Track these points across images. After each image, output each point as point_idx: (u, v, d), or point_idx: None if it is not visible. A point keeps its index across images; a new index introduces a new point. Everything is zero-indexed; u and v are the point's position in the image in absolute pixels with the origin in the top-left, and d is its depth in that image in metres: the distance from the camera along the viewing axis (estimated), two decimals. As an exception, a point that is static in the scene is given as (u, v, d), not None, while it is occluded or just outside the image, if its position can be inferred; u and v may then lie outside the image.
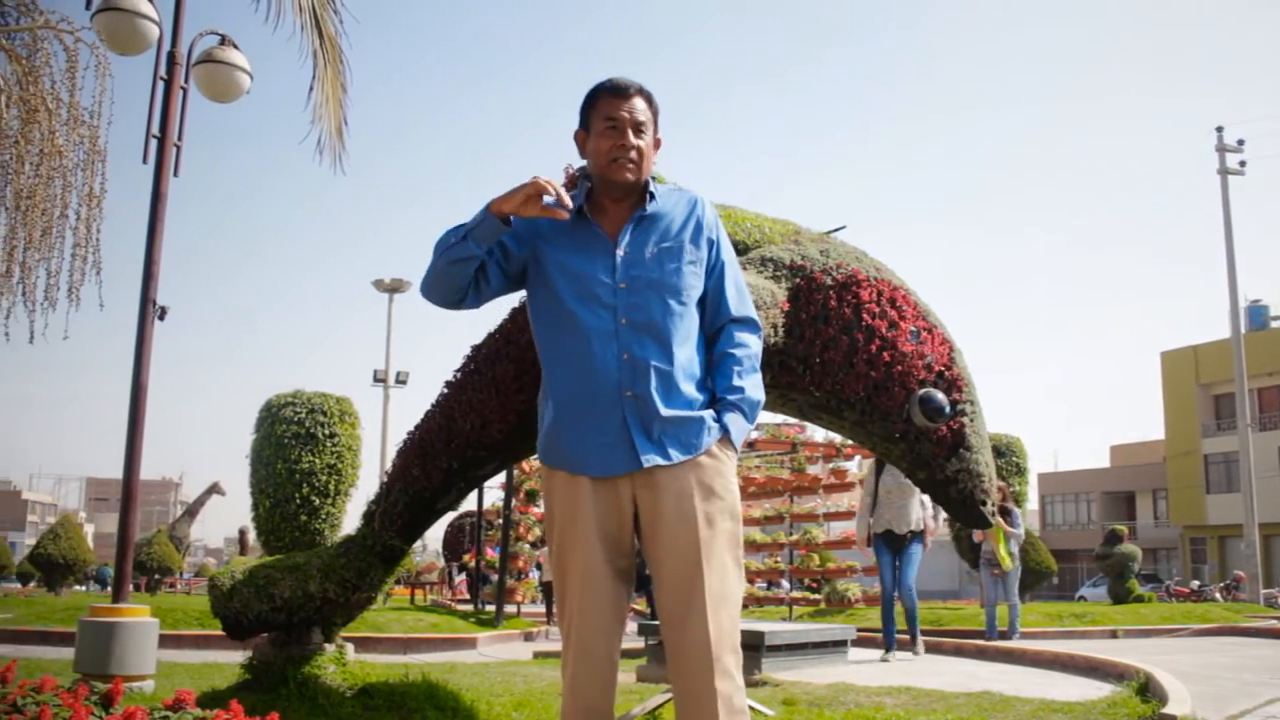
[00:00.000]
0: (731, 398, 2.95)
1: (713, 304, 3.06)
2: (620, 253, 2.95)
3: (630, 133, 2.95)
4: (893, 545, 9.84)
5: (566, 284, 2.96)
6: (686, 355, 2.94)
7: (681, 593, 2.81)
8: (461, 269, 2.96)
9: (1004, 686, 6.90)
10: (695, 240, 3.02)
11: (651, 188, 3.02)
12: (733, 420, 2.94)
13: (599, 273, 2.93)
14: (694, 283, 2.99)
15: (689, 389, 2.91)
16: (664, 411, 2.85)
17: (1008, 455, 15.04)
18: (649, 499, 2.86)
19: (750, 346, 3.05)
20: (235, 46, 7.68)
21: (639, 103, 2.99)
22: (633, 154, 2.95)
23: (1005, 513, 12.40)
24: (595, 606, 2.88)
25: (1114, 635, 13.22)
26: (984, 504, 4.77)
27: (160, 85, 7.37)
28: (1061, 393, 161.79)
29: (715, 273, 3.06)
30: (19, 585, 35.05)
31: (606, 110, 2.98)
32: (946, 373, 4.67)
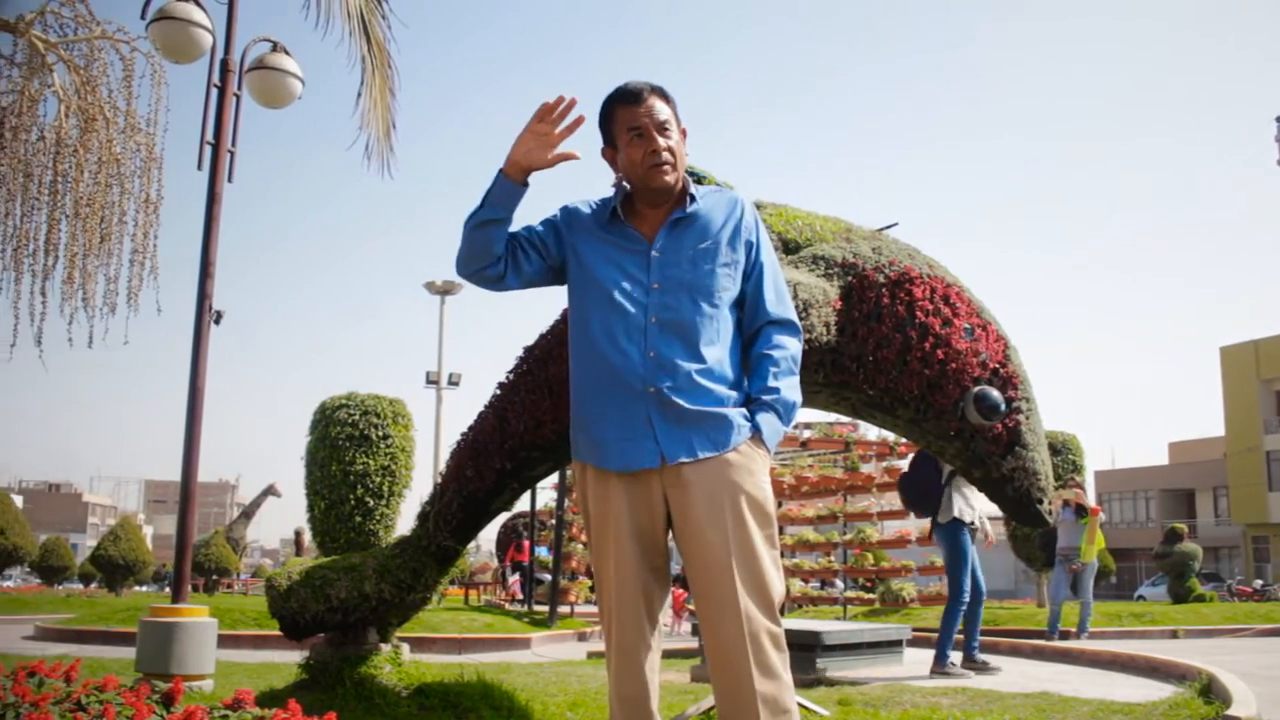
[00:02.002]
0: (766, 398, 2.94)
1: (751, 306, 3.05)
2: (655, 254, 2.95)
3: (656, 135, 2.95)
4: None
5: (600, 283, 2.97)
6: (716, 355, 2.92)
7: (713, 592, 2.80)
8: (484, 235, 2.97)
9: (1062, 687, 6.81)
10: (732, 242, 3.01)
11: (691, 189, 3.02)
12: (765, 420, 2.92)
13: (634, 272, 2.95)
14: (728, 284, 2.98)
15: (718, 388, 2.91)
16: (688, 408, 2.85)
17: (1064, 453, 14.83)
18: (679, 497, 2.86)
19: (788, 348, 3.03)
20: (287, 52, 7.76)
21: (655, 102, 2.98)
22: (665, 155, 2.94)
23: (1081, 510, 12.26)
24: (629, 603, 2.89)
25: (1174, 635, 13.02)
26: (1040, 502, 4.71)
27: (214, 92, 7.47)
28: (1119, 389, 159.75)
29: (753, 275, 3.05)
30: (81, 586, 35.66)
31: (627, 120, 2.97)
32: (1001, 370, 4.62)
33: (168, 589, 30.92)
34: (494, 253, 2.99)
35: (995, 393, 4.48)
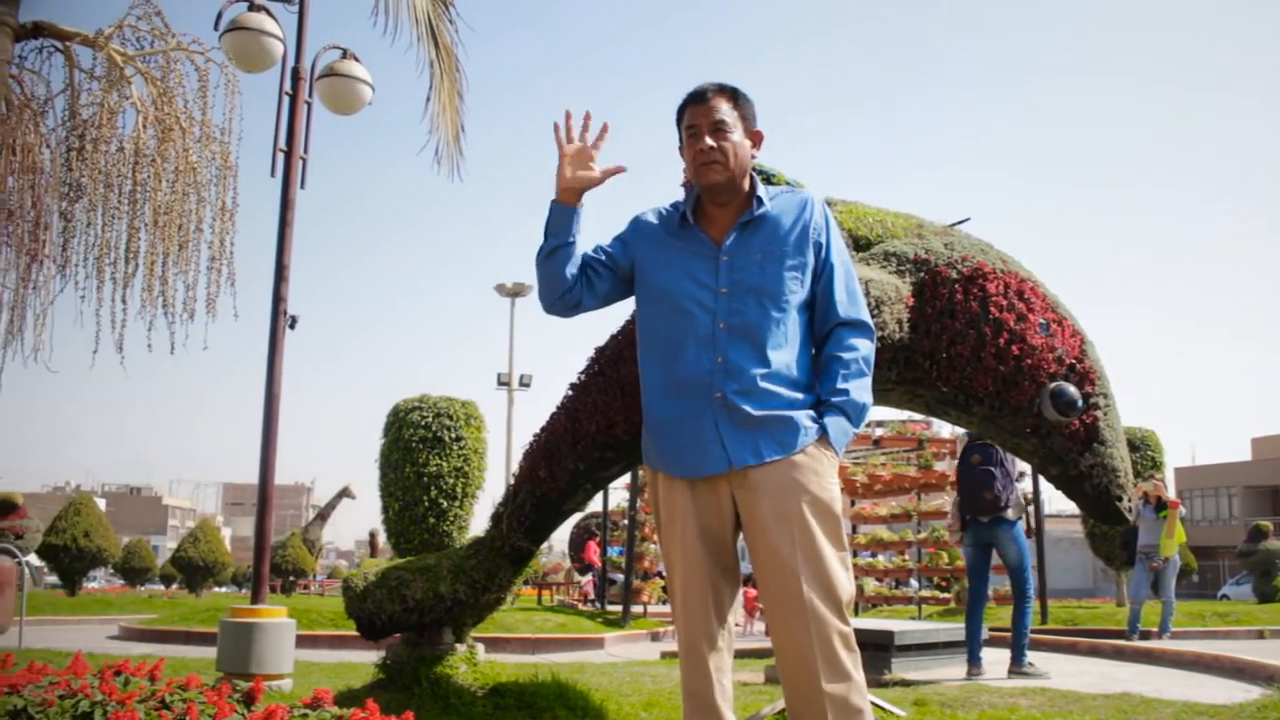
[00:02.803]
0: (835, 400, 2.93)
1: (822, 307, 3.04)
2: (724, 258, 2.95)
3: (708, 135, 2.97)
4: None
5: (668, 289, 2.99)
6: (783, 359, 2.92)
7: (780, 593, 2.80)
8: (554, 263, 3.02)
9: (1143, 688, 6.69)
10: (801, 244, 3.00)
11: (760, 191, 3.01)
12: (833, 422, 2.91)
13: (702, 277, 2.95)
14: (796, 288, 2.97)
15: (785, 392, 2.90)
16: (754, 413, 2.85)
17: (1143, 449, 14.58)
18: (746, 499, 2.86)
19: (859, 350, 3.01)
20: (356, 59, 7.85)
21: (718, 103, 3.00)
22: (715, 155, 2.96)
23: (1161, 505, 12.02)
24: (698, 605, 2.90)
25: (1261, 635, 12.72)
26: (1120, 499, 4.63)
27: (285, 100, 7.58)
28: (1198, 384, 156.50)
29: (823, 276, 3.03)
30: (162, 587, 36.44)
31: (688, 119, 3.03)
32: (1078, 365, 4.54)
33: (246, 590, 31.42)
34: (567, 278, 3.04)
35: (1072, 388, 4.41)
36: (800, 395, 2.92)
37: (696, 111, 3.00)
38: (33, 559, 24.16)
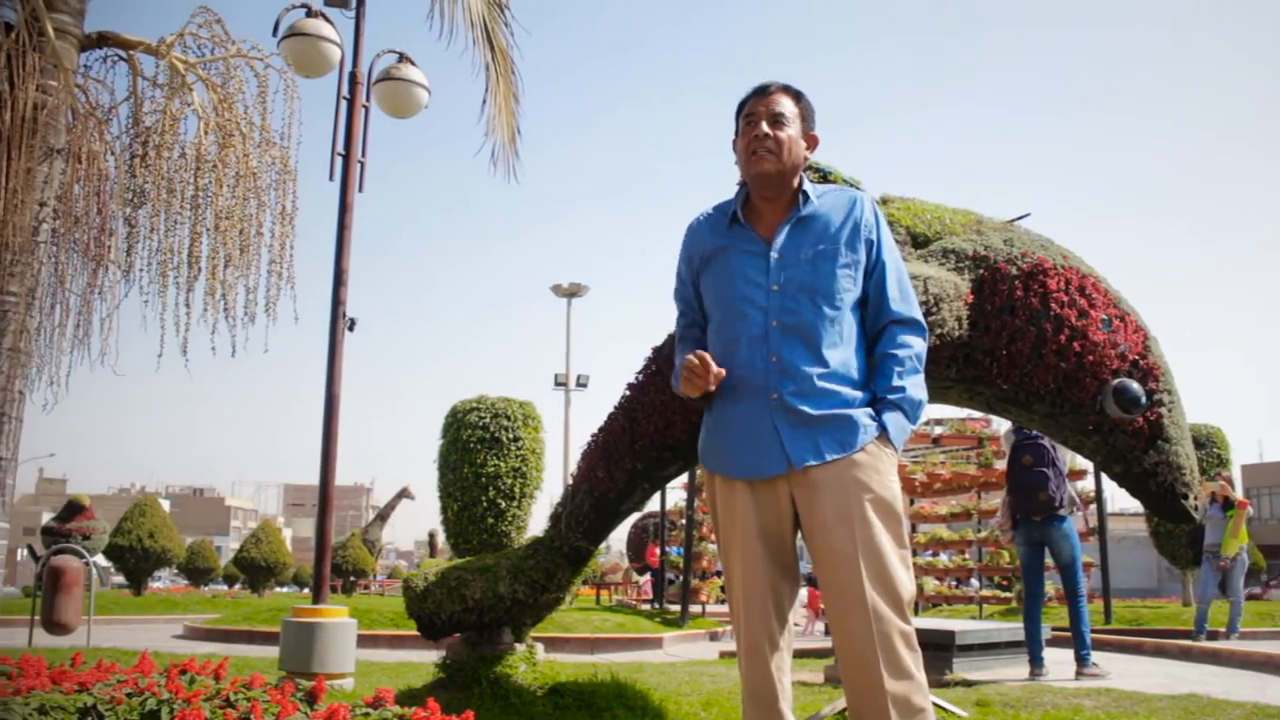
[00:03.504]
0: (892, 397, 2.91)
1: (874, 305, 3.02)
2: (775, 256, 2.93)
3: (764, 123, 2.96)
4: None
5: (722, 289, 2.99)
6: (839, 358, 2.90)
7: (841, 592, 2.78)
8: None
9: (1211, 689, 6.56)
10: (852, 242, 2.98)
11: (807, 188, 3.00)
12: (892, 419, 2.89)
13: (754, 276, 2.94)
14: (848, 285, 2.95)
15: (842, 390, 2.88)
16: (813, 413, 2.83)
17: (1208, 446, 14.33)
18: (806, 498, 2.84)
19: (913, 347, 2.99)
20: (413, 63, 7.92)
21: (780, 98, 3.01)
22: (768, 143, 2.94)
23: (1228, 504, 11.81)
24: (757, 603, 2.89)
25: (1333, 635, 12.44)
26: (1185, 497, 4.56)
27: (343, 105, 7.66)
28: (1265, 380, 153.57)
29: (875, 274, 3.01)
30: (225, 587, 36.95)
31: (747, 110, 3.03)
32: (1141, 362, 4.48)
33: (307, 590, 31.69)
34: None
35: (1135, 385, 4.35)
36: (857, 393, 2.91)
37: (757, 102, 3.01)
38: (99, 559, 24.61)
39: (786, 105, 2.99)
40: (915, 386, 2.95)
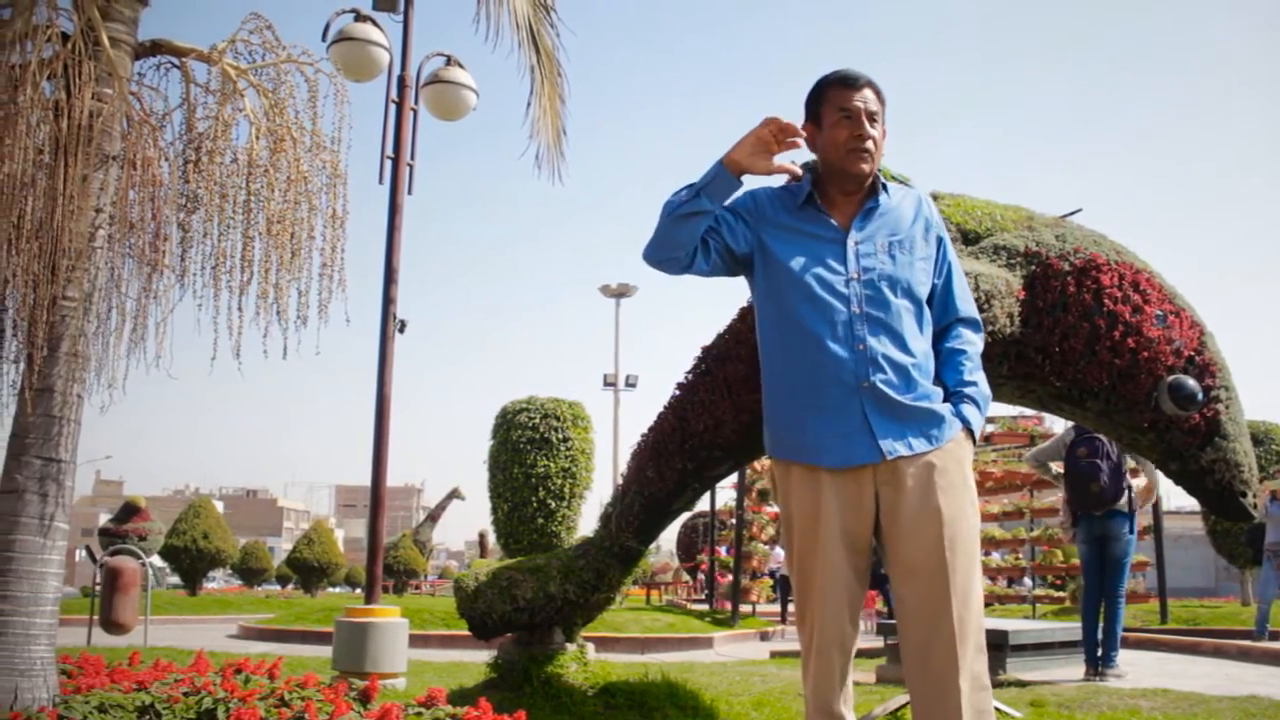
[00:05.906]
0: (967, 391, 2.91)
1: (940, 302, 3.01)
2: (853, 244, 2.90)
3: (865, 122, 2.91)
4: None
5: (797, 276, 2.91)
6: (922, 349, 2.90)
7: (928, 589, 2.74)
8: (690, 226, 2.91)
9: (1273, 690, 6.45)
10: (925, 237, 2.99)
11: (883, 180, 2.98)
12: (970, 413, 2.89)
13: (832, 263, 2.90)
14: (924, 279, 2.95)
15: (925, 382, 2.87)
16: (906, 402, 2.81)
17: (1266, 443, 14.09)
18: (891, 493, 2.81)
19: (977, 344, 3.02)
20: (461, 66, 7.96)
21: (870, 93, 2.94)
22: (869, 144, 2.90)
23: None
24: (836, 610, 2.84)
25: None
26: (1244, 495, 4.50)
27: (392, 108, 7.72)
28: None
29: (943, 271, 3.02)
30: (278, 587, 37.38)
31: (839, 101, 2.93)
32: (1197, 358, 4.42)
33: (359, 590, 31.95)
34: (693, 243, 2.94)
35: (1191, 382, 4.29)
36: (937, 388, 2.91)
37: (850, 95, 2.93)
38: (155, 560, 24.97)
39: (876, 103, 2.95)
40: (984, 382, 2.98)
